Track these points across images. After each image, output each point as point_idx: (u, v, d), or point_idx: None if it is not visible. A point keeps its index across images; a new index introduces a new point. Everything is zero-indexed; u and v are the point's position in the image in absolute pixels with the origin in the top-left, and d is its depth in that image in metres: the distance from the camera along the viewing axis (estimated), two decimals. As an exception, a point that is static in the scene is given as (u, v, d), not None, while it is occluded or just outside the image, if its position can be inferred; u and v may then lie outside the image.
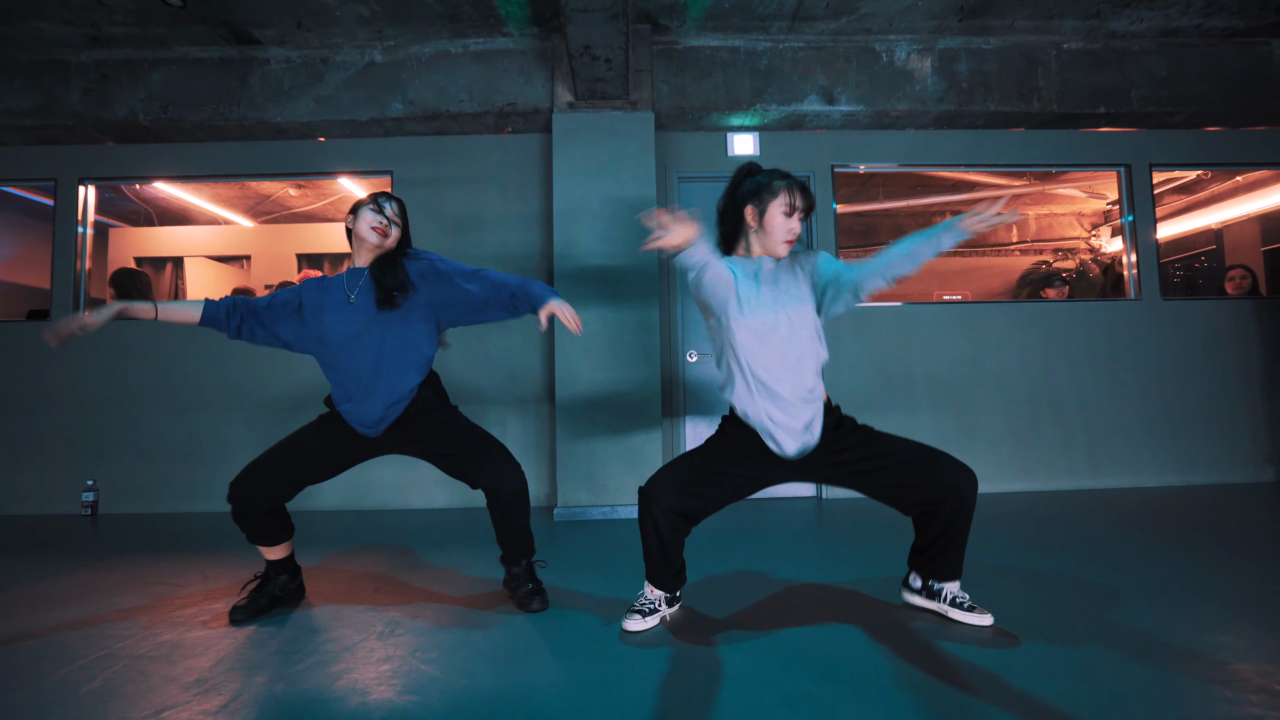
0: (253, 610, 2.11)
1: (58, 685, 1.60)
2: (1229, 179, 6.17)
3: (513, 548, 2.21)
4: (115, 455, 4.14)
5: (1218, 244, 6.77)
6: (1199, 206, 6.82)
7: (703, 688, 1.53)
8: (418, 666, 1.68)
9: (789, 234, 1.91)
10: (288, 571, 2.24)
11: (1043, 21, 4.03)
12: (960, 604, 1.92)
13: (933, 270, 7.81)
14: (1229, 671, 1.53)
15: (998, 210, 1.72)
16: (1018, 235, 8.29)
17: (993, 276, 7.91)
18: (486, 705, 1.45)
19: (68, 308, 4.21)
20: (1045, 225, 8.23)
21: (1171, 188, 6.69)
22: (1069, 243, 7.97)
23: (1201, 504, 3.68)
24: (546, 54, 4.04)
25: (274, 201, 6.46)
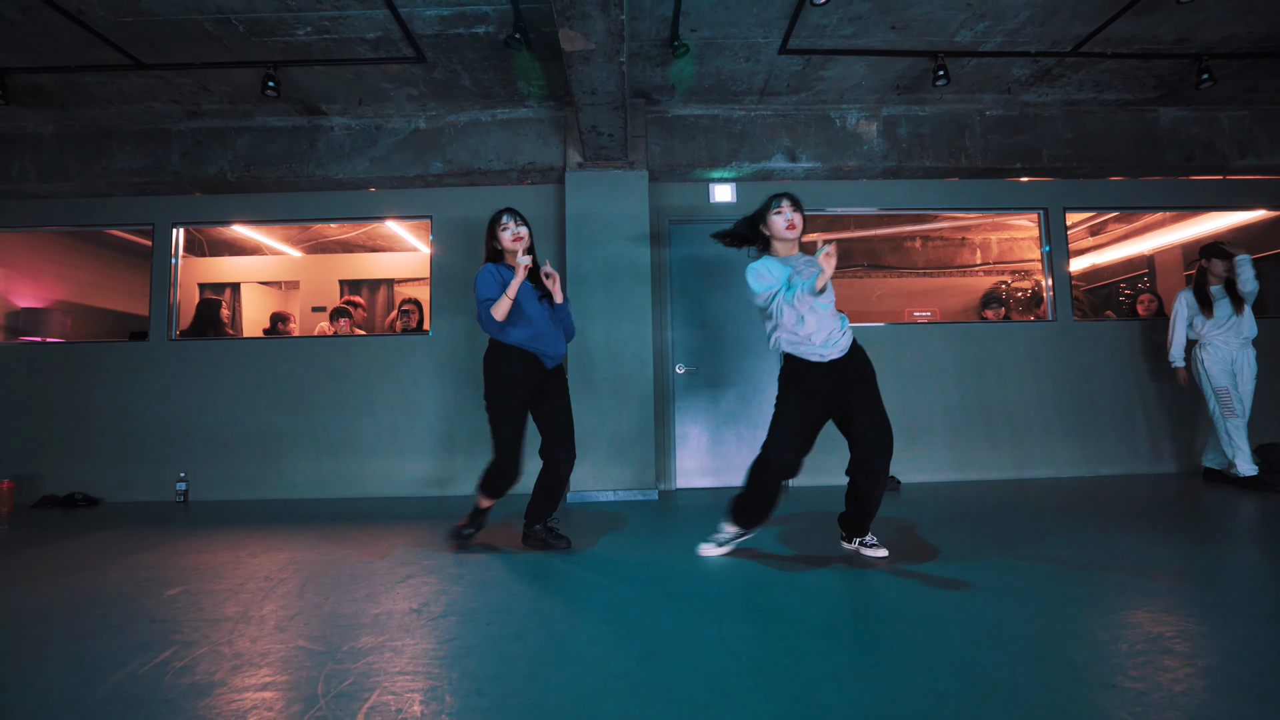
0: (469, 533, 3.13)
1: (164, 603, 2.47)
2: (1157, 214, 7.05)
3: (547, 509, 3.12)
4: (202, 452, 5.00)
5: (1150, 268, 7.65)
6: (1134, 235, 7.70)
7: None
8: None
9: (786, 226, 2.69)
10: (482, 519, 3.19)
11: (967, 94, 4.93)
12: (869, 544, 2.78)
13: (904, 291, 8.74)
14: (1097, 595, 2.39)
15: (827, 253, 2.49)
16: (981, 258, 9.17)
17: (958, 296, 8.78)
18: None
19: (163, 328, 5.09)
20: (1006, 249, 9.10)
21: (1112, 217, 7.57)
22: (1027, 264, 8.81)
23: (1106, 491, 4.52)
24: (560, 122, 4.95)
25: (314, 231, 7.36)
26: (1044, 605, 2.05)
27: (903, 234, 8.85)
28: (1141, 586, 2.23)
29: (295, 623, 2.07)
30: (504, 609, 2.16)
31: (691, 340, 5.15)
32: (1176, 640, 1.74)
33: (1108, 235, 8.18)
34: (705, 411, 5.11)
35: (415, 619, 2.08)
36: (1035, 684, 1.50)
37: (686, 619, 2.02)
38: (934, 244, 9.12)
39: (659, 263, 5.15)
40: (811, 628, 1.92)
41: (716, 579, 2.48)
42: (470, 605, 2.21)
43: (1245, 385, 4.42)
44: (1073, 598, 2.12)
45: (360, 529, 3.70)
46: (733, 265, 5.19)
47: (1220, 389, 4.37)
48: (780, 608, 2.12)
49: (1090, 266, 8.55)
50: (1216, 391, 4.40)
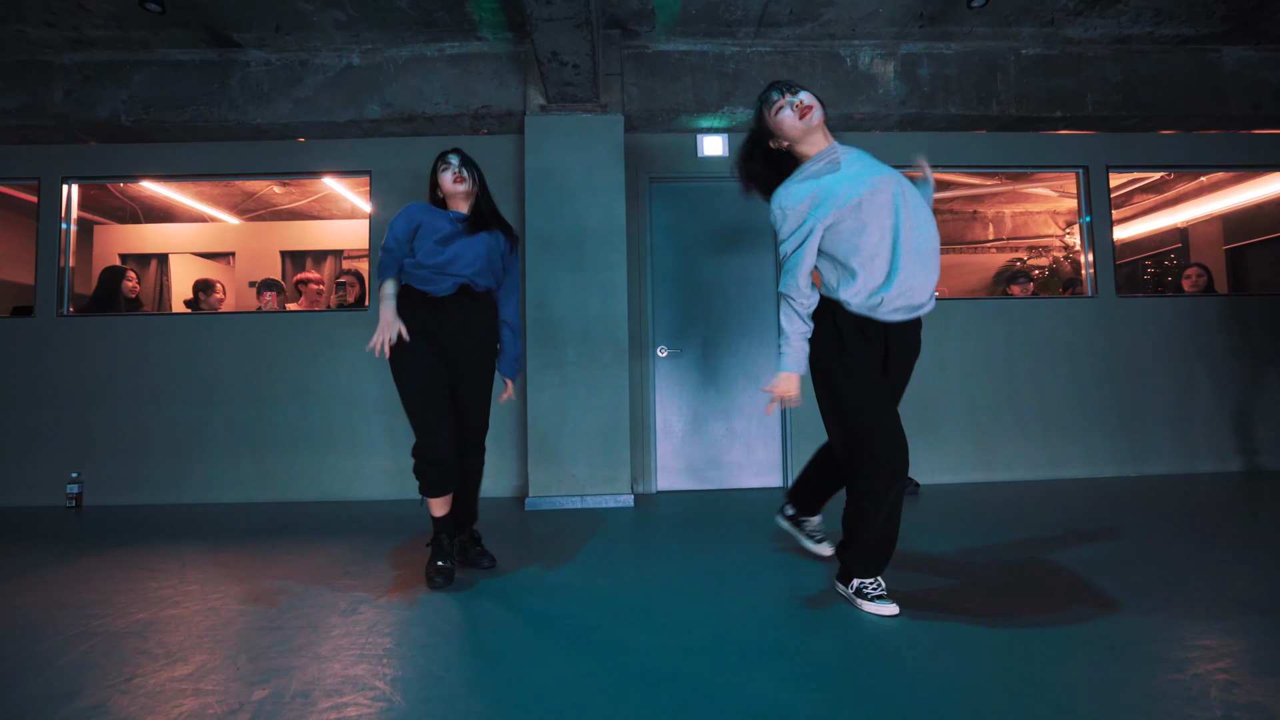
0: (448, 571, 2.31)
1: (34, 657, 1.72)
2: (1192, 179, 6.33)
3: (470, 518, 2.47)
4: (99, 449, 4.24)
5: (1183, 242, 6.94)
6: (1165, 206, 6.99)
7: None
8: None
9: (799, 118, 1.90)
10: (449, 530, 2.39)
11: (1001, 28, 4.17)
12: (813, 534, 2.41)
13: (910, 267, 7.97)
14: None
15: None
16: (994, 233, 8.45)
17: (970, 273, 8.07)
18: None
19: (52, 303, 4.30)
20: (1020, 223, 8.38)
21: (1139, 187, 6.84)
22: (1043, 240, 8.12)
23: (1151, 493, 3.83)
24: (520, 58, 4.16)
25: (258, 199, 6.55)
26: (1085, 660, 1.34)
27: (910, 204, 8.11)
28: (1212, 628, 1.52)
29: (208, 679, 1.33)
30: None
31: (676, 318, 4.41)
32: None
33: (1133, 207, 7.46)
34: (691, 400, 4.37)
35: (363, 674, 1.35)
36: None
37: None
38: (943, 217, 8.37)
39: (638, 227, 4.39)
40: None
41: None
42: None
43: None
44: (1121, 647, 1.41)
45: (290, 543, 2.95)
46: (727, 229, 4.44)
47: None
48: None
49: (1116, 241, 7.84)
50: None
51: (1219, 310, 4.65)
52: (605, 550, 2.82)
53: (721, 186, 4.47)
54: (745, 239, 4.45)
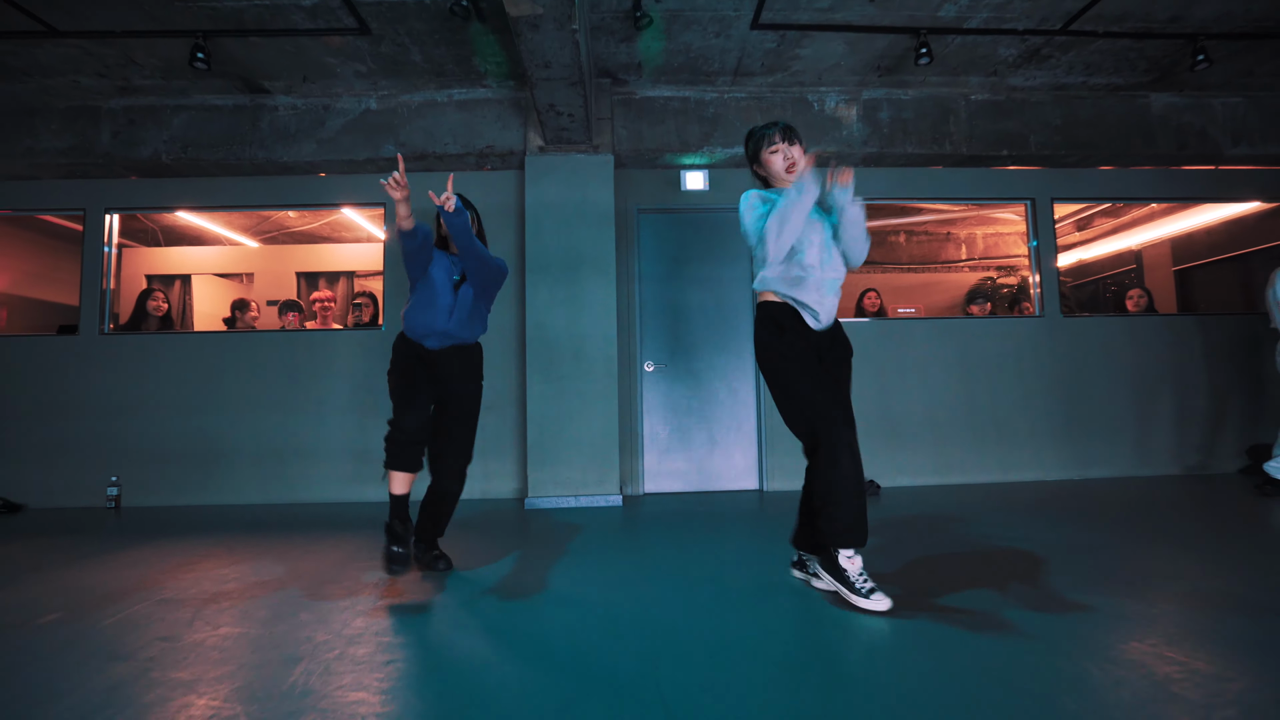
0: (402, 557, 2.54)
1: (121, 620, 2.16)
2: (1143, 206, 6.84)
3: (435, 531, 2.78)
4: (136, 455, 4.66)
5: (1138, 264, 7.45)
6: (1122, 230, 7.50)
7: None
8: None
9: (786, 169, 2.26)
10: (403, 515, 2.62)
11: (951, 77, 4.67)
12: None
13: (889, 286, 8.47)
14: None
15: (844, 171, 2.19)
16: (966, 253, 8.95)
17: (944, 291, 8.54)
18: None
19: (95, 322, 4.74)
20: (991, 244, 8.89)
21: (1098, 211, 7.36)
22: (1012, 260, 8.60)
23: (1097, 495, 4.28)
24: (520, 103, 4.64)
25: (274, 222, 7.01)
26: (1029, 639, 1.78)
27: (887, 228, 8.61)
28: (1143, 613, 1.97)
29: (227, 664, 1.76)
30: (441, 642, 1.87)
31: (662, 336, 4.87)
32: (1186, 685, 1.47)
33: (1094, 230, 7.98)
34: (676, 411, 4.82)
35: (363, 655, 1.79)
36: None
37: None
38: (918, 239, 8.89)
39: (627, 254, 4.86)
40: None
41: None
42: (410, 633, 1.92)
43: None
44: (1064, 629, 1.85)
45: (307, 539, 3.38)
46: (706, 257, 4.92)
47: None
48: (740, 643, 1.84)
49: (1077, 262, 8.35)
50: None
51: (1155, 328, 5.12)
52: (592, 541, 3.26)
53: (703, 217, 4.94)
54: (724, 264, 4.92)
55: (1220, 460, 4.98)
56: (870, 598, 2.02)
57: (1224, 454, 4.99)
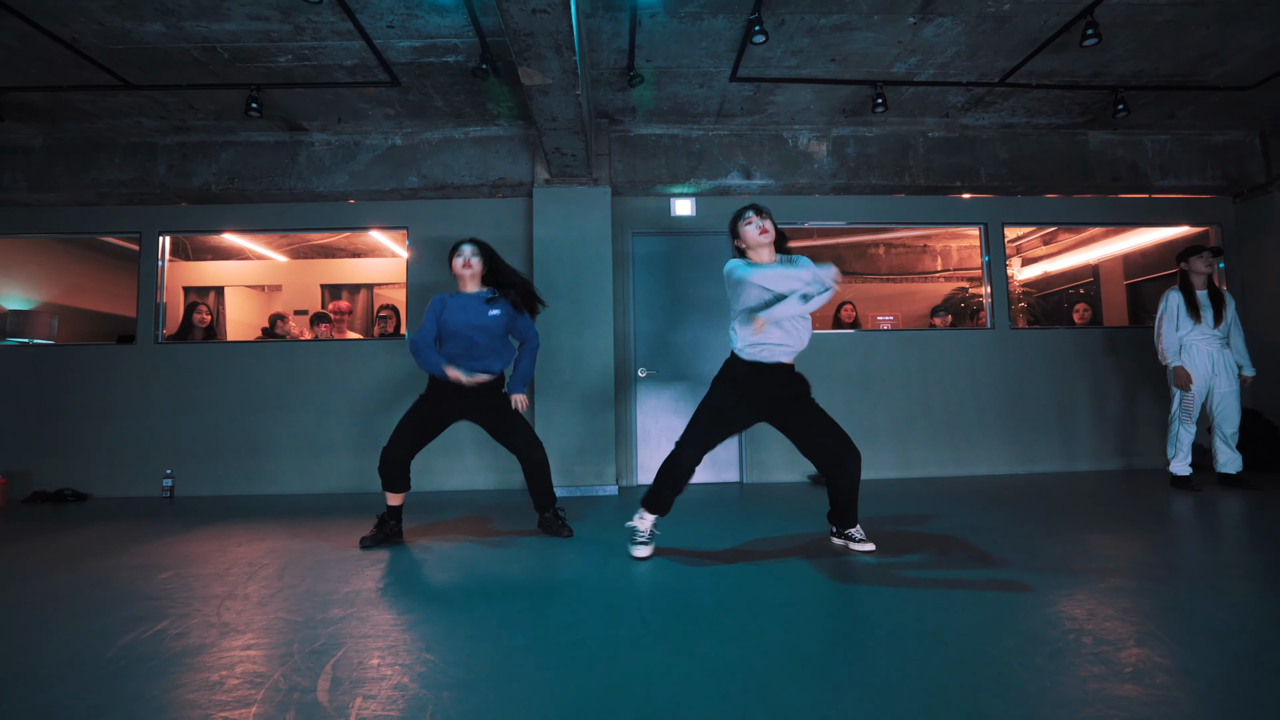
0: (377, 540, 3.28)
1: (207, 575, 2.77)
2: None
3: (542, 499, 3.46)
4: (188, 450, 5.27)
5: (1095, 277, 8.08)
6: (1080, 245, 8.13)
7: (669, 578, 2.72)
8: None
9: (758, 234, 2.82)
10: (398, 518, 3.39)
11: (909, 118, 5.29)
12: (856, 538, 2.99)
13: (868, 295, 9.12)
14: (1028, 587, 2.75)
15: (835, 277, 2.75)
16: (941, 264, 9.57)
17: (920, 301, 9.17)
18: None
19: (150, 332, 5.35)
20: (966, 255, 9.51)
21: (1061, 228, 7.97)
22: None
23: (1039, 486, 4.90)
24: (529, 140, 5.25)
25: (299, 237, 7.63)
26: (977, 607, 2.40)
27: (866, 241, 9.23)
28: (1060, 583, 2.59)
29: (275, 599, 2.37)
30: (455, 587, 2.49)
31: (653, 345, 5.48)
32: (1088, 641, 2.08)
33: (1058, 244, 8.61)
34: (665, 411, 5.44)
35: (378, 596, 2.40)
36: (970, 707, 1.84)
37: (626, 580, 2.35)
38: (897, 250, 9.51)
39: (623, 272, 5.48)
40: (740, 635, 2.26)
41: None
42: (426, 585, 2.53)
43: (1224, 385, 4.40)
44: (1006, 599, 2.47)
45: (336, 521, 3.99)
46: (693, 275, 5.53)
47: (1188, 396, 4.40)
48: (697, 604, 2.46)
49: (1043, 274, 8.98)
50: (1184, 396, 4.42)
51: (1098, 339, 5.74)
52: (592, 522, 3.87)
53: (690, 240, 5.56)
54: (708, 281, 5.53)
55: (1151, 456, 5.60)
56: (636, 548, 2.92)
57: (1154, 451, 5.61)
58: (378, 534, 3.31)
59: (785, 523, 3.67)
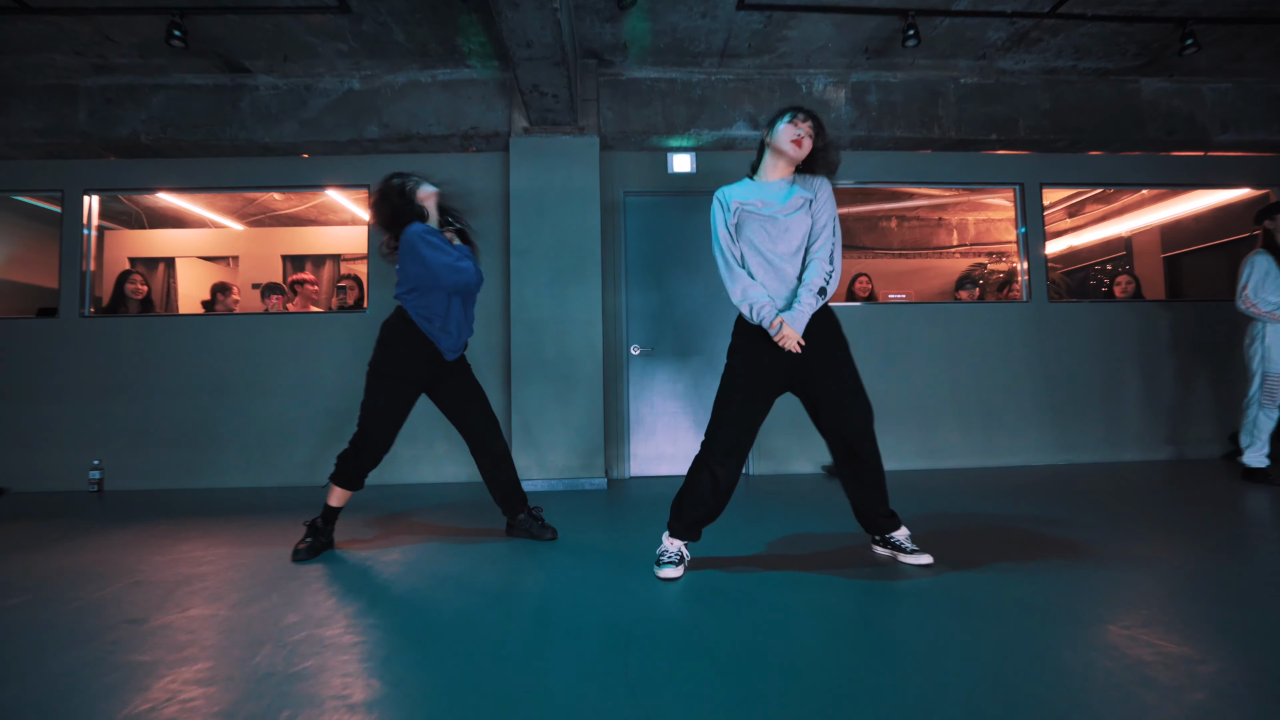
0: (315, 550, 2.67)
1: (97, 598, 2.14)
2: (1134, 192, 6.84)
3: (515, 496, 2.88)
4: (119, 439, 4.63)
5: (1127, 250, 7.45)
6: (1113, 216, 7.49)
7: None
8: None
9: (792, 140, 2.24)
10: (334, 521, 2.78)
11: (940, 60, 4.63)
12: (905, 549, 2.38)
13: (880, 272, 8.46)
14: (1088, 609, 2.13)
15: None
16: (958, 239, 8.93)
17: (935, 277, 8.54)
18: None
19: (75, 304, 4.69)
20: (983, 229, 8.87)
21: (1090, 197, 7.34)
22: (1003, 246, 8.60)
23: (1082, 480, 4.30)
24: (505, 84, 4.58)
25: (260, 205, 6.94)
26: (1004, 618, 1.79)
27: (878, 213, 8.59)
28: (1122, 597, 1.98)
29: (204, 631, 1.75)
30: (415, 598, 1.87)
31: (648, 319, 4.85)
32: (1159, 668, 1.47)
33: (1085, 216, 7.97)
34: (662, 394, 4.81)
35: (334, 617, 1.78)
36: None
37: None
38: (910, 224, 8.87)
39: (614, 237, 4.83)
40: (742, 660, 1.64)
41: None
42: (389, 598, 1.91)
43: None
44: (1037, 608, 1.86)
45: (288, 522, 3.36)
46: (694, 240, 4.88)
47: (1273, 375, 3.83)
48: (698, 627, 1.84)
49: (1068, 249, 8.35)
50: (1267, 376, 3.84)
51: (1144, 314, 5.13)
52: (577, 522, 3.25)
53: (690, 200, 4.91)
54: (711, 247, 4.88)
55: (1205, 445, 5.01)
56: (663, 569, 2.26)
57: (1208, 439, 5.01)
58: (314, 543, 2.69)
59: (804, 521, 3.06)
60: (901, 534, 2.42)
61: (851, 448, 2.29)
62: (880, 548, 2.48)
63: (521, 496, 2.94)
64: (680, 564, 2.29)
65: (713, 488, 2.26)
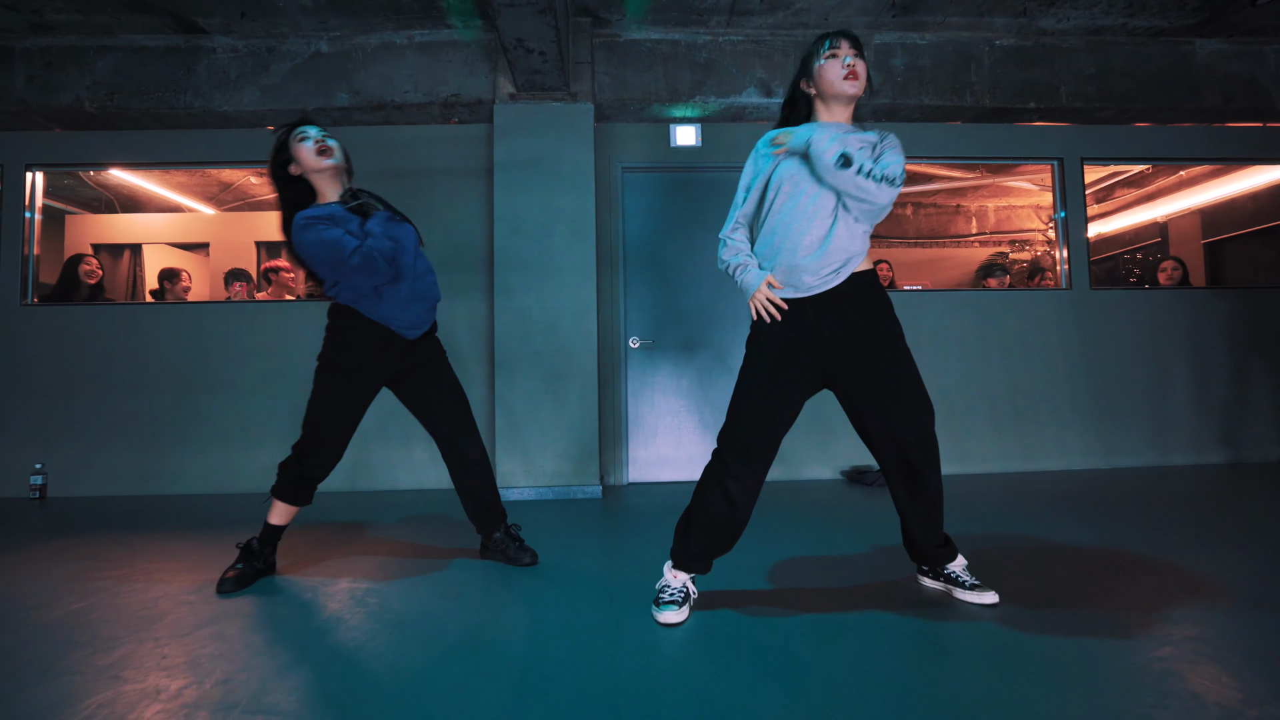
0: (244, 579, 2.21)
1: None
2: (1172, 173, 6.35)
3: (492, 512, 2.44)
4: (64, 440, 4.19)
5: (1163, 237, 6.96)
6: (1145, 200, 7.00)
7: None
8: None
9: (845, 75, 1.79)
10: (276, 543, 2.34)
11: (974, 18, 4.15)
12: (963, 583, 1.93)
13: (895, 261, 7.96)
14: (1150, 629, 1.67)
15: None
16: (977, 227, 8.44)
17: (953, 267, 8.06)
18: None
19: (15, 291, 4.25)
20: (1004, 217, 8.38)
21: (1119, 180, 6.86)
22: (1025, 235, 8.13)
23: (1129, 487, 3.84)
24: (489, 46, 4.11)
25: (235, 190, 6.48)
26: (1046, 657, 1.33)
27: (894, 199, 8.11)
28: (1197, 634, 1.52)
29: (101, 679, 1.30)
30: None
31: (649, 309, 4.38)
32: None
33: (1115, 201, 7.48)
34: (665, 392, 4.35)
35: (236, 677, 1.33)
36: None
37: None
38: (926, 211, 8.37)
39: (610, 217, 4.37)
40: None
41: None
42: (324, 649, 1.46)
43: None
44: (1102, 651, 1.40)
45: (246, 533, 2.92)
46: (700, 220, 4.41)
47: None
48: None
49: (1096, 236, 7.86)
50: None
51: (1194, 303, 4.65)
52: (562, 537, 2.80)
53: (696, 177, 4.44)
54: (718, 228, 4.42)
55: (1262, 448, 4.53)
56: (662, 611, 1.79)
57: (1268, 440, 4.54)
58: (244, 570, 2.24)
59: (829, 540, 2.60)
60: (959, 565, 1.96)
61: (908, 461, 1.83)
62: (930, 580, 2.03)
63: (500, 512, 2.49)
64: (685, 603, 1.83)
65: (726, 506, 1.79)
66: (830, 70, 1.80)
